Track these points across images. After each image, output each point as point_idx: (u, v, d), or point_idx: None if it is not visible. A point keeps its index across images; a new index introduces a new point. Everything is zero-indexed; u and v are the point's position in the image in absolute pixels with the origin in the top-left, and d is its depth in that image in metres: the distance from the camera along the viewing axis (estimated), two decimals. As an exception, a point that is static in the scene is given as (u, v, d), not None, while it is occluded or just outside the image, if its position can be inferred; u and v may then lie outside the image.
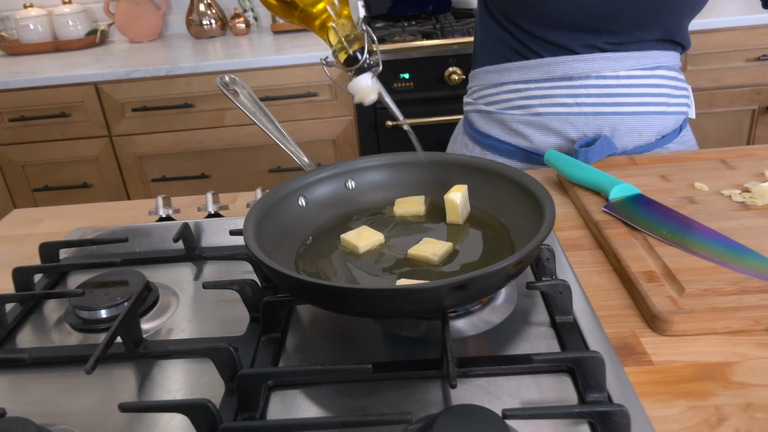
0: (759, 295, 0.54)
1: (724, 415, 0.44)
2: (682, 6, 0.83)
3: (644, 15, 0.83)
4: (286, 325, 0.59)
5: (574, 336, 0.53)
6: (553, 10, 0.84)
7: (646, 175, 0.78)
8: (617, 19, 0.83)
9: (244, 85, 0.78)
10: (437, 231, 0.64)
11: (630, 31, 0.84)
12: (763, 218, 0.66)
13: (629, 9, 0.82)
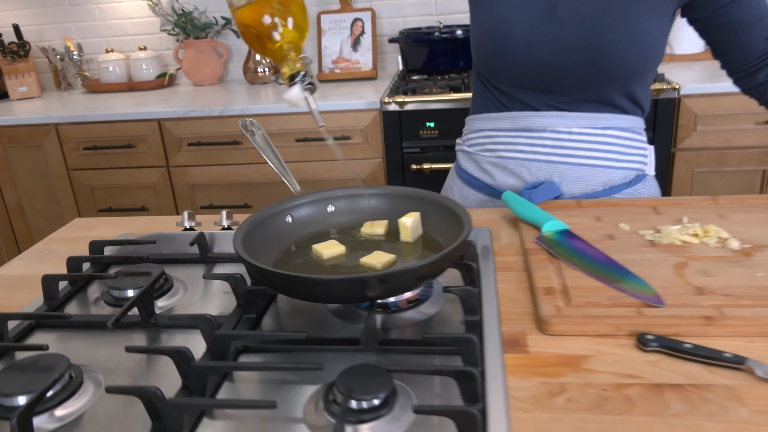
0: (626, 308, 0.67)
1: (564, 389, 0.58)
2: (620, 77, 0.98)
3: (585, 83, 0.98)
4: (265, 310, 0.76)
5: (476, 330, 0.68)
6: (514, 75, 1.01)
7: (584, 216, 0.92)
8: (564, 84, 0.99)
9: (260, 127, 0.98)
10: (389, 247, 0.80)
11: (579, 94, 1.00)
12: (662, 253, 0.79)
13: (571, 77, 0.98)
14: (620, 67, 0.97)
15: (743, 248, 0.79)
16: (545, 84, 1.00)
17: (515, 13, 0.98)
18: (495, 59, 1.03)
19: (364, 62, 2.46)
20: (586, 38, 0.95)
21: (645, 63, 0.98)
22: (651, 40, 0.97)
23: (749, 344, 0.63)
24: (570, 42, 0.96)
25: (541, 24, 0.97)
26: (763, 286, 0.70)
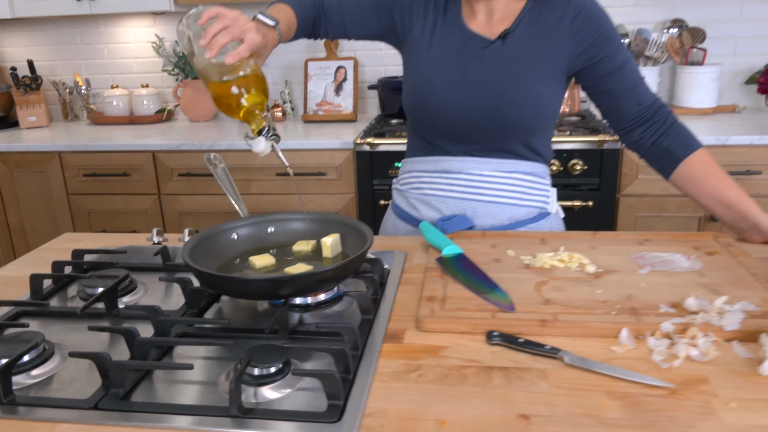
0: (485, 313, 0.86)
1: (419, 368, 0.76)
2: (518, 132, 1.18)
3: (490, 135, 1.18)
4: (208, 307, 0.94)
5: (365, 326, 0.86)
6: (435, 127, 1.21)
7: (484, 243, 1.11)
8: (474, 135, 1.19)
9: (221, 160, 1.18)
10: (311, 261, 0.99)
11: (487, 144, 1.20)
12: (531, 274, 0.98)
13: (479, 130, 1.18)
14: (517, 124, 1.17)
15: (596, 272, 0.97)
16: (459, 134, 1.20)
17: (434, 75, 1.19)
18: (419, 113, 1.23)
19: (345, 106, 2.68)
20: (489, 98, 1.16)
21: (538, 121, 1.18)
22: (543, 103, 1.17)
23: (572, 341, 0.81)
24: (477, 101, 1.16)
25: (454, 86, 1.17)
26: (595, 300, 0.88)
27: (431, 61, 1.20)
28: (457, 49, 1.19)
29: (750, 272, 0.95)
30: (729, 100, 2.62)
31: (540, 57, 1.15)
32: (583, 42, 1.15)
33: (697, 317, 0.82)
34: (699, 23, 2.54)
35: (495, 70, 1.16)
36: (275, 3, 1.22)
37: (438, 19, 1.22)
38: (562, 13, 1.15)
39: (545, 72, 1.16)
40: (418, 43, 1.22)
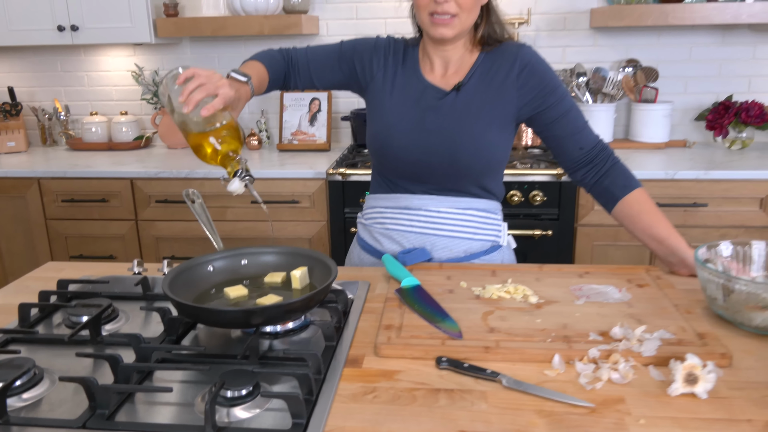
0: (435, 340, 0.96)
1: (374, 390, 0.86)
2: (471, 174, 1.29)
3: (446, 177, 1.29)
4: (185, 335, 1.03)
5: (328, 352, 0.95)
6: (396, 168, 1.33)
7: (440, 275, 1.22)
8: (431, 176, 1.30)
9: (199, 195, 1.27)
10: (281, 292, 1.08)
11: (444, 184, 1.31)
12: (480, 304, 1.08)
13: (435, 172, 1.29)
14: (470, 167, 1.28)
15: (538, 303, 1.08)
16: (418, 176, 1.32)
17: (395, 123, 1.30)
18: (382, 156, 1.34)
19: (319, 136, 2.79)
20: (445, 145, 1.27)
21: (489, 165, 1.30)
22: (493, 149, 1.29)
23: (511, 366, 0.91)
24: (434, 147, 1.28)
25: (413, 132, 1.29)
26: (534, 329, 0.99)
27: (392, 109, 1.31)
28: (416, 99, 1.30)
29: (673, 303, 1.07)
30: (680, 135, 2.78)
31: (490, 107, 1.27)
32: (529, 93, 1.27)
33: (620, 344, 0.93)
34: (652, 63, 2.71)
35: (450, 119, 1.28)
36: (248, 60, 1.33)
37: (398, 70, 1.34)
38: (510, 67, 1.28)
39: (495, 120, 1.28)
40: (380, 91, 1.34)
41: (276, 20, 2.54)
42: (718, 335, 0.97)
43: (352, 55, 1.36)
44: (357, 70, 1.36)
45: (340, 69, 1.37)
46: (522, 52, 1.29)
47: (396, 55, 1.35)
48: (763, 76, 2.69)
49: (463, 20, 1.23)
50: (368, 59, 1.35)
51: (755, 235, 2.26)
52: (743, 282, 0.97)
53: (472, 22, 1.26)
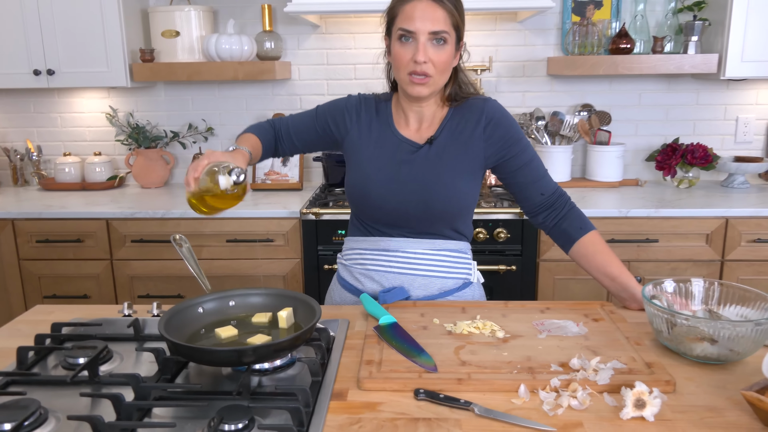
0: (413, 374, 1.05)
1: (359, 421, 0.94)
2: (443, 219, 1.41)
3: (421, 221, 1.40)
4: (178, 374, 1.10)
5: (315, 386, 1.04)
6: (373, 215, 1.43)
7: (414, 312, 1.31)
8: (407, 222, 1.41)
9: (186, 241, 1.35)
10: (269, 331, 1.16)
11: (419, 228, 1.42)
12: (451, 339, 1.18)
13: (411, 218, 1.40)
14: (443, 213, 1.40)
15: (504, 337, 1.19)
16: (395, 221, 1.42)
17: (373, 174, 1.41)
18: (360, 204, 1.44)
19: (292, 176, 2.89)
20: (419, 194, 1.38)
21: (458, 211, 1.42)
22: (462, 195, 1.41)
23: (482, 395, 1.01)
24: (409, 196, 1.39)
25: (389, 182, 1.40)
26: (502, 361, 1.09)
27: (369, 162, 1.42)
28: (391, 152, 1.42)
29: (624, 336, 1.19)
30: (633, 174, 2.97)
31: (460, 158, 1.40)
32: (494, 145, 1.40)
33: (578, 374, 1.04)
34: (605, 107, 2.90)
35: (423, 170, 1.39)
36: (243, 133, 1.45)
37: (372, 125, 1.46)
38: (476, 121, 1.40)
39: (464, 170, 1.40)
40: (356, 145, 1.45)
41: (250, 66, 2.65)
42: (663, 364, 1.08)
43: (325, 115, 1.49)
44: (332, 129, 1.49)
45: (316, 130, 1.50)
46: (487, 107, 1.42)
47: (368, 111, 1.47)
48: (706, 120, 2.91)
49: (436, 80, 1.34)
50: (341, 117, 1.47)
51: (702, 269, 2.43)
52: (684, 316, 1.09)
53: (444, 82, 1.38)
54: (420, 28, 1.30)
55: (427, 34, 1.30)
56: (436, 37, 1.31)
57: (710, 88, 2.88)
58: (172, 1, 2.87)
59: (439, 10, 1.30)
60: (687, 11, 2.70)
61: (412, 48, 1.31)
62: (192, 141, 3.04)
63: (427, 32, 1.30)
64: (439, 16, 1.30)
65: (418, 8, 1.30)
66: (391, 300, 1.37)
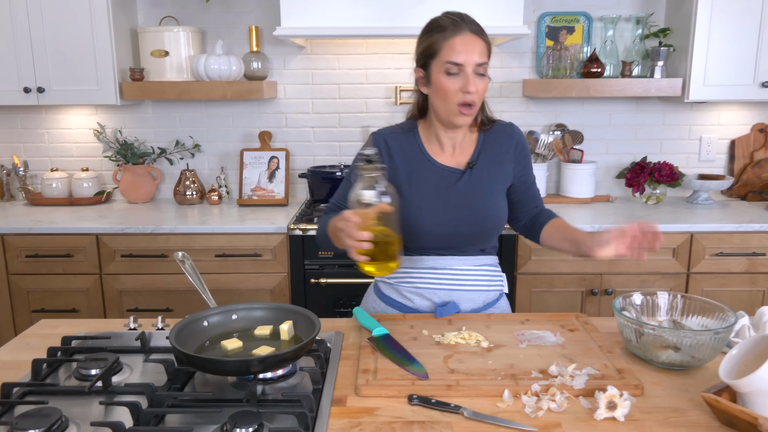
0: (406, 381, 1.14)
1: (359, 424, 1.03)
2: (488, 236, 1.53)
3: (469, 241, 1.51)
4: (186, 384, 1.18)
5: (317, 393, 1.12)
6: (423, 242, 1.51)
7: (404, 325, 1.41)
8: (456, 243, 1.50)
9: (189, 257, 1.42)
10: (272, 343, 1.25)
11: (465, 248, 1.52)
12: (440, 349, 1.28)
13: (460, 240, 1.49)
14: (489, 231, 1.52)
15: (489, 347, 1.29)
16: (444, 243, 1.51)
17: (422, 204, 1.48)
18: (412, 233, 1.49)
19: (278, 192, 2.97)
20: (469, 216, 1.48)
21: (499, 226, 1.54)
22: (504, 213, 1.54)
23: (470, 400, 1.11)
24: (460, 219, 1.48)
25: (440, 210, 1.48)
26: (487, 369, 1.19)
27: (416, 193, 1.49)
28: (436, 181, 1.50)
29: (597, 344, 1.30)
30: (604, 191, 3.12)
31: (497, 179, 1.52)
32: (519, 165, 1.56)
33: (556, 380, 1.14)
34: (578, 127, 3.05)
35: (471, 193, 1.49)
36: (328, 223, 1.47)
37: (404, 157, 1.52)
38: (509, 145, 1.55)
39: (500, 189, 1.54)
40: (394, 182, 1.49)
41: (239, 86, 2.74)
42: (633, 370, 1.20)
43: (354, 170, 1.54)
44: None
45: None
46: (515, 132, 1.57)
47: (395, 145, 1.53)
48: (672, 139, 3.07)
49: (478, 108, 1.45)
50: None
51: (669, 281, 2.57)
52: (650, 327, 1.21)
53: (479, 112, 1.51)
54: (467, 60, 1.38)
55: (473, 66, 1.39)
56: (480, 69, 1.40)
57: (675, 110, 3.04)
58: (161, 22, 2.95)
59: (480, 42, 1.40)
60: (653, 37, 2.86)
61: (460, 80, 1.39)
62: (179, 157, 3.11)
63: (473, 64, 1.38)
64: (481, 48, 1.40)
65: (464, 42, 1.38)
66: (446, 314, 1.46)
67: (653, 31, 2.86)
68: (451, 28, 1.40)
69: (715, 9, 2.62)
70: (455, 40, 1.39)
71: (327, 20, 2.51)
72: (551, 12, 2.93)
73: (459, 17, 1.43)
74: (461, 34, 1.39)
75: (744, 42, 2.64)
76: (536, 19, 2.95)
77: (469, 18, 1.44)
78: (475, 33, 1.41)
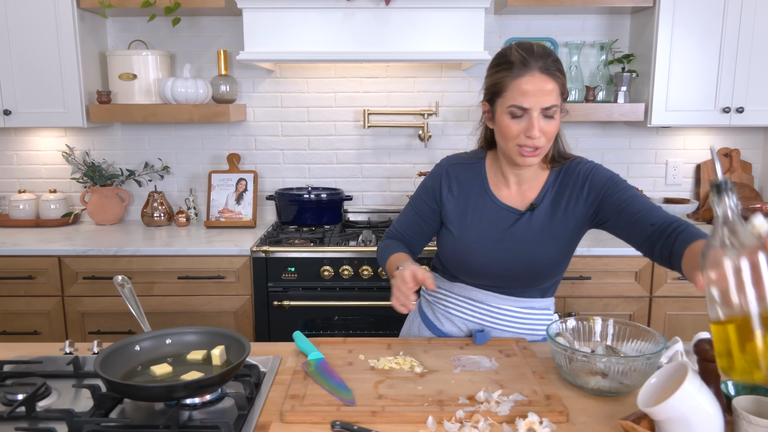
0: (332, 407, 1.14)
1: (277, 451, 1.03)
2: (542, 283, 1.46)
3: (520, 282, 1.46)
4: (113, 408, 1.17)
5: (241, 420, 1.12)
6: (471, 278, 1.49)
7: (342, 349, 1.40)
8: (507, 283, 1.46)
9: (128, 281, 1.42)
10: (203, 368, 1.24)
11: (512, 289, 1.47)
12: (372, 374, 1.27)
13: (512, 280, 1.45)
14: (546, 278, 1.46)
15: (422, 372, 1.29)
16: (492, 282, 1.47)
17: (475, 242, 1.44)
18: (459, 269, 1.48)
19: (245, 213, 2.97)
20: (523, 261, 1.42)
21: (560, 273, 1.48)
22: (562, 260, 1.43)
23: (394, 427, 1.10)
24: (512, 263, 1.42)
25: (494, 251, 1.43)
26: (416, 395, 1.19)
27: (471, 229, 1.45)
28: (493, 219, 1.44)
29: (532, 370, 1.30)
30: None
31: (563, 223, 1.41)
32: (595, 199, 1.39)
33: (482, 406, 1.14)
34: (545, 150, 3.07)
35: (527, 237, 1.42)
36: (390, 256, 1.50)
37: (467, 190, 1.47)
38: (577, 185, 1.40)
39: (567, 235, 1.42)
40: (453, 214, 1.48)
41: (205, 109, 2.75)
42: (563, 396, 1.20)
43: (421, 203, 1.54)
44: (431, 210, 1.52)
45: (421, 224, 1.54)
46: (582, 169, 1.41)
47: (460, 177, 1.48)
48: (638, 163, 3.10)
49: (545, 149, 1.35)
50: (432, 194, 1.52)
51: (632, 304, 2.58)
52: (581, 354, 1.21)
53: (550, 148, 1.40)
54: (534, 104, 1.28)
55: (539, 110, 1.29)
56: (549, 111, 1.30)
57: (641, 134, 3.08)
58: (130, 45, 2.97)
59: (550, 83, 1.28)
60: (618, 63, 2.91)
61: (524, 123, 1.30)
62: (148, 179, 3.11)
63: (540, 108, 1.28)
64: (551, 90, 1.28)
65: (531, 83, 1.27)
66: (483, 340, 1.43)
67: (617, 57, 2.91)
68: (518, 66, 1.29)
69: (676, 35, 2.66)
70: (522, 81, 1.28)
71: (290, 45, 2.54)
72: (517, 37, 2.98)
73: (529, 52, 1.30)
74: (529, 74, 1.28)
75: (705, 68, 2.68)
76: (502, 44, 2.99)
77: (541, 51, 1.30)
78: (545, 72, 1.28)
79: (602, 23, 2.99)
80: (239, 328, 2.60)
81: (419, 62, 2.84)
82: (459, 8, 2.48)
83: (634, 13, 2.92)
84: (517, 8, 2.84)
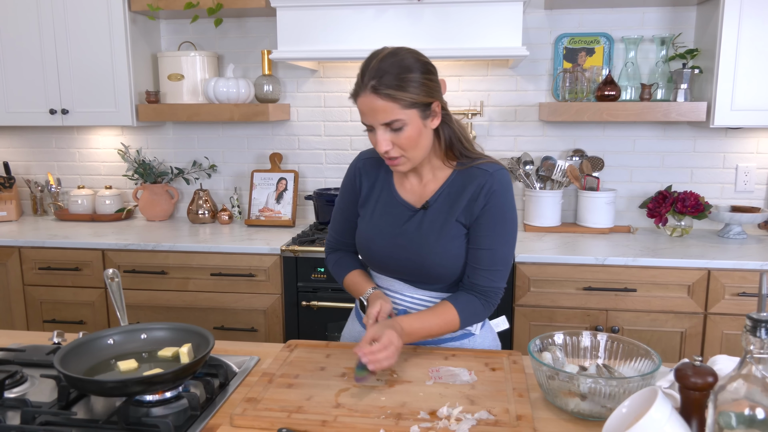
0: (283, 413, 1.08)
1: (213, 456, 0.99)
2: (440, 280, 1.41)
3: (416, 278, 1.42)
4: (77, 400, 1.17)
5: (191, 420, 1.09)
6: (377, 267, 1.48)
7: (320, 353, 1.35)
8: (404, 275, 1.44)
9: (118, 275, 1.43)
10: (171, 365, 1.22)
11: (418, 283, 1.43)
12: (341, 381, 1.21)
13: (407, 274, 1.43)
14: (438, 276, 1.40)
15: (391, 381, 1.21)
16: (394, 275, 1.46)
17: (374, 236, 1.45)
18: (366, 258, 1.49)
19: (285, 213, 2.98)
20: (413, 259, 1.38)
21: (453, 272, 1.39)
22: (456, 259, 1.38)
23: (342, 439, 1.03)
24: (405, 261, 1.40)
25: (387, 246, 1.42)
26: (376, 406, 1.11)
27: (372, 222, 1.47)
28: (392, 215, 1.44)
29: (512, 386, 1.19)
30: (627, 221, 2.92)
31: (453, 223, 1.38)
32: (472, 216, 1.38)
33: (440, 423, 1.05)
34: (598, 153, 2.88)
35: (417, 237, 1.40)
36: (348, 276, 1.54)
37: (376, 184, 1.49)
38: (476, 193, 1.37)
39: (458, 235, 1.39)
40: (365, 205, 1.50)
41: (245, 108, 2.78)
42: (541, 418, 1.08)
43: (346, 199, 1.55)
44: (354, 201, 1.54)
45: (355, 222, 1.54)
46: (487, 181, 1.37)
47: (372, 171, 1.50)
48: (703, 168, 2.85)
49: (412, 155, 1.33)
50: (352, 185, 1.53)
51: (684, 321, 2.35)
52: (563, 374, 1.09)
53: (424, 153, 1.35)
54: (372, 121, 1.29)
55: (380, 126, 1.29)
56: (391, 127, 1.29)
57: (707, 136, 2.82)
58: (180, 47, 3.06)
59: (379, 102, 1.26)
60: (679, 59, 2.68)
61: (375, 137, 1.31)
62: (196, 177, 3.19)
63: (379, 124, 1.29)
64: (383, 107, 1.26)
65: (363, 103, 1.29)
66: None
67: (679, 53, 2.68)
68: (357, 84, 1.30)
69: (744, 27, 2.42)
70: (358, 100, 1.30)
71: (323, 43, 2.52)
72: (569, 33, 2.81)
73: (365, 69, 1.29)
74: (362, 93, 1.28)
75: (777, 63, 2.42)
76: (553, 41, 2.84)
77: (376, 68, 1.27)
78: (375, 92, 1.26)
79: (664, 16, 2.77)
80: (269, 327, 2.60)
81: (453, 59, 2.74)
82: (494, 2, 2.37)
83: (700, 4, 2.69)
84: (569, 1, 2.69)
